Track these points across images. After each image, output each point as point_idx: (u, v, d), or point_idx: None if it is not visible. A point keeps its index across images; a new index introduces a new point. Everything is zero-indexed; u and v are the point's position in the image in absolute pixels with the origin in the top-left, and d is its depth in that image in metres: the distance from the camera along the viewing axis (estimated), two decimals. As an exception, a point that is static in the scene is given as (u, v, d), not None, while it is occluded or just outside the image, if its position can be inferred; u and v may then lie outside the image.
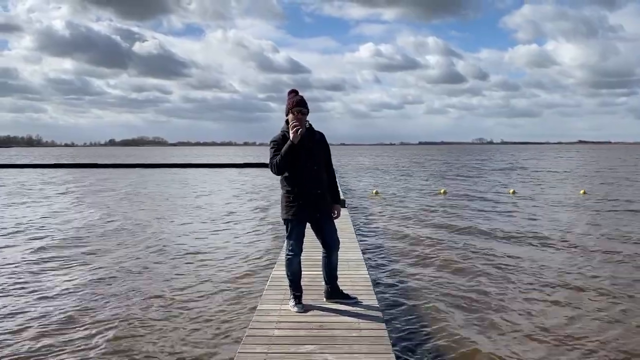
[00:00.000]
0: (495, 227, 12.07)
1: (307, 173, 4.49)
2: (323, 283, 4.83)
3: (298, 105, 4.49)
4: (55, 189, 24.18)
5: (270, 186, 24.11)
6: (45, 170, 41.11)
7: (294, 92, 4.62)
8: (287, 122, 4.58)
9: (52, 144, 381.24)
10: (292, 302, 4.59)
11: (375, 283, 6.89)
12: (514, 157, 72.99)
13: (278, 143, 4.50)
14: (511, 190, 20.50)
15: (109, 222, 13.43)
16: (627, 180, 26.74)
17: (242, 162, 49.43)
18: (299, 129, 4.38)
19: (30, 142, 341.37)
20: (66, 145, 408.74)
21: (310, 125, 4.65)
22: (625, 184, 24.72)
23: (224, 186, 25.56)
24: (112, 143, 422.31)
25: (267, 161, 4.60)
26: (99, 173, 36.39)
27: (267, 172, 4.61)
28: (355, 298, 4.75)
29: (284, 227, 4.68)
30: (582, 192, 19.86)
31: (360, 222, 12.92)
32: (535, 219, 13.35)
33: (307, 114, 4.57)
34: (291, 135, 4.39)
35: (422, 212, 15.04)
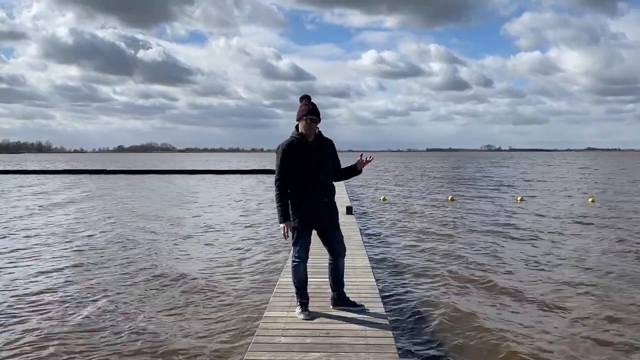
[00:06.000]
0: (506, 237, 12.00)
1: (314, 182, 4.49)
2: (329, 290, 4.83)
3: (311, 113, 4.47)
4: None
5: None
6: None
7: (306, 98, 4.59)
8: (296, 127, 4.57)
9: (62, 150, 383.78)
10: (298, 309, 4.59)
11: (382, 290, 6.87)
12: (526, 163, 72.60)
13: (287, 154, 4.47)
14: (519, 198, 20.36)
15: (123, 229, 13.52)
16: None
17: (262, 168, 50.48)
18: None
19: (40, 148, 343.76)
20: (75, 151, 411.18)
21: (319, 132, 4.64)
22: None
23: (234, 192, 25.60)
24: (120, 149, 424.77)
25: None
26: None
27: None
28: (361, 305, 4.74)
29: (290, 234, 4.68)
30: (590, 200, 19.67)
31: (368, 229, 12.90)
32: (543, 228, 13.27)
33: (319, 122, 4.56)
34: (282, 234, 4.54)
35: (429, 219, 14.98)
